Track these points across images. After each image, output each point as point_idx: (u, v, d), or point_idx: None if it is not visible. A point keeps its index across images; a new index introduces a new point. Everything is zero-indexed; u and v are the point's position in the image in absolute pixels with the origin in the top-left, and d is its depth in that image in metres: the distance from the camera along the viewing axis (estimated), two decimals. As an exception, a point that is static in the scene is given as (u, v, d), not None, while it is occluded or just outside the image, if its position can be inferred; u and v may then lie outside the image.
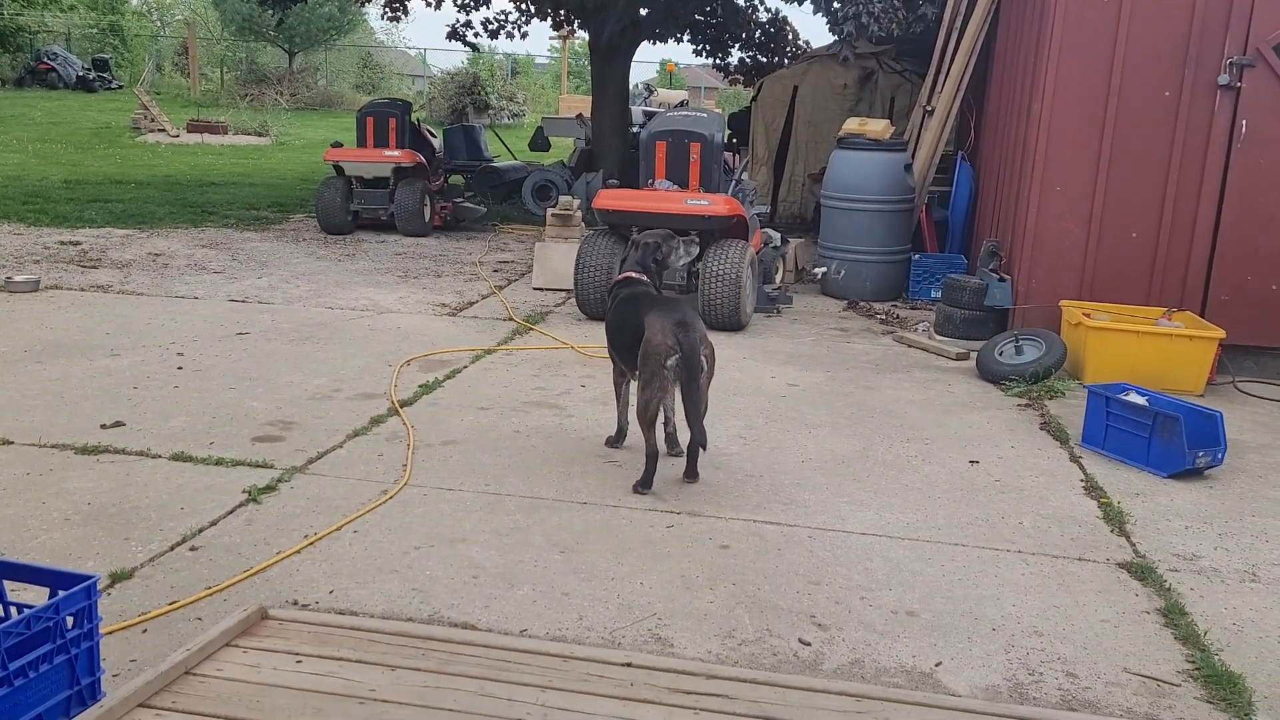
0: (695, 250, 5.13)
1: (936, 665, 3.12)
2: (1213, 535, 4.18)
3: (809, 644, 3.21)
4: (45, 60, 29.92)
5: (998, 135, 8.44)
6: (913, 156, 9.24)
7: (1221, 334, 6.12)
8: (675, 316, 4.32)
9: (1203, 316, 6.47)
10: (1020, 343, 6.46)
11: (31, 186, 13.19)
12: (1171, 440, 4.76)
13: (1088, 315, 6.35)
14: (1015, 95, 7.72)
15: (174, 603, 3.29)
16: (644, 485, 4.32)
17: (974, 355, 6.65)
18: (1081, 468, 4.90)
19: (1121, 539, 4.10)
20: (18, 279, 7.78)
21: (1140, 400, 5.06)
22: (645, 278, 4.73)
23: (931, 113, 9.43)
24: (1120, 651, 3.24)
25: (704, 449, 4.38)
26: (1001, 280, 7.17)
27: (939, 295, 7.83)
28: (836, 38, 10.71)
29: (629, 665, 2.78)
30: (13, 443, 4.60)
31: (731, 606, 3.42)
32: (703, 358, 4.27)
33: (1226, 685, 3.05)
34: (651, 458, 4.35)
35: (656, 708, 2.59)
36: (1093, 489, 4.62)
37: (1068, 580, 3.71)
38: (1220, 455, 4.85)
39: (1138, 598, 3.60)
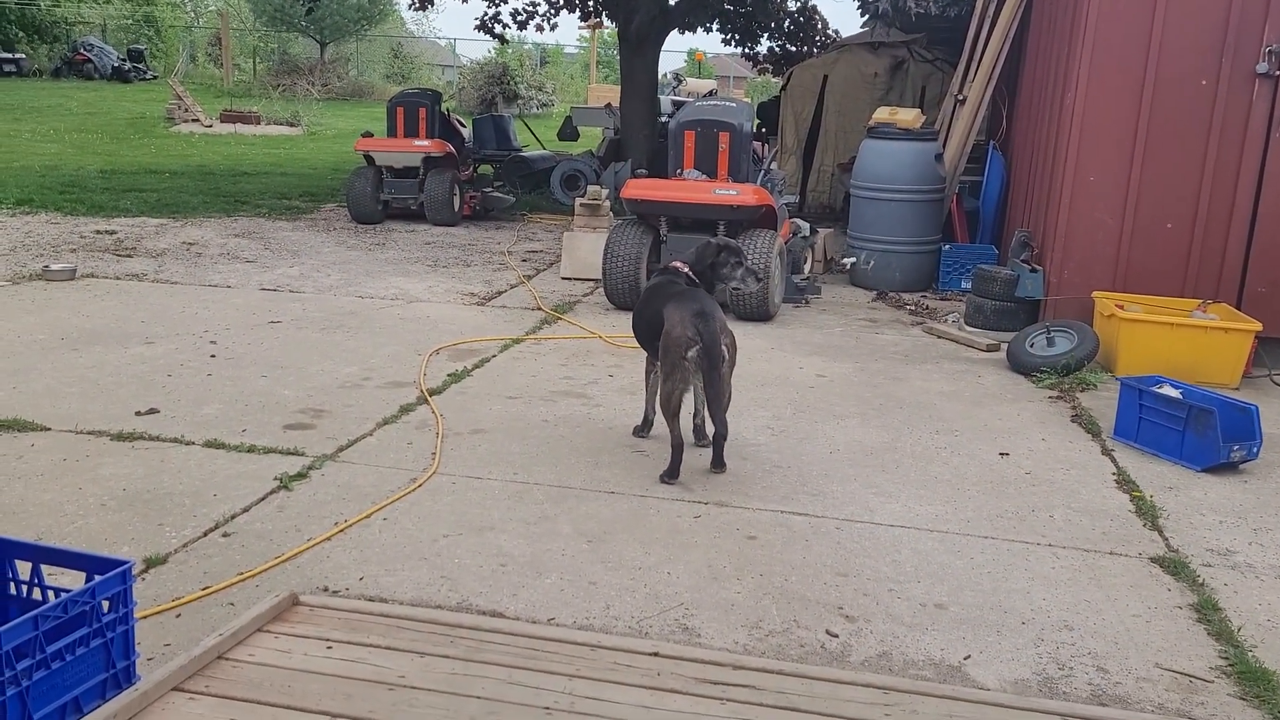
0: (753, 285, 4.96)
1: (965, 658, 3.11)
2: (1247, 530, 4.13)
3: (836, 635, 3.21)
4: (82, 51, 30.31)
5: (1030, 125, 8.35)
6: (944, 146, 9.16)
7: (1258, 326, 6.03)
8: (694, 307, 4.31)
9: (1239, 309, 6.38)
10: (1052, 334, 6.40)
11: (68, 176, 13.36)
12: (1206, 434, 4.70)
13: (1121, 307, 6.28)
14: (1048, 84, 7.64)
15: (207, 588, 3.33)
16: (670, 475, 4.33)
17: (1005, 347, 6.60)
18: (1113, 461, 4.85)
19: (1154, 533, 4.06)
20: (55, 267, 7.89)
21: (1174, 393, 5.00)
22: (682, 269, 4.70)
23: (963, 102, 9.35)
24: (1152, 647, 3.21)
25: (725, 439, 4.39)
26: (1033, 271, 7.10)
27: (969, 286, 7.77)
28: (868, 15, 10.65)
29: (656, 655, 2.78)
30: (50, 429, 4.67)
31: (759, 597, 3.42)
32: (724, 347, 4.27)
33: (1260, 682, 3.01)
34: (676, 448, 4.35)
35: (683, 697, 2.59)
36: (1125, 482, 4.58)
37: (1099, 574, 3.68)
38: (1256, 449, 4.78)
39: (1170, 593, 3.57)
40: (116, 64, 30.31)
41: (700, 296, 4.47)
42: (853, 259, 8.79)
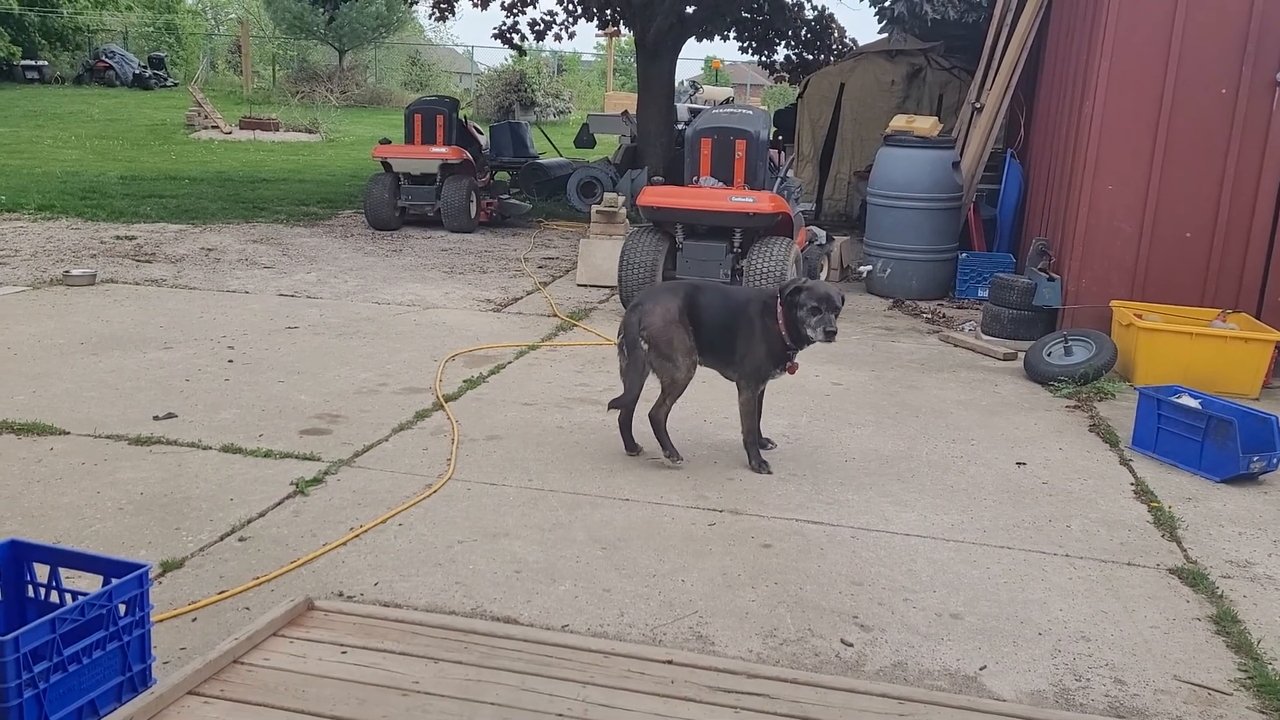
0: (821, 339, 4.43)
1: (981, 669, 3.09)
2: (1267, 542, 4.09)
3: (851, 645, 3.19)
4: (103, 58, 30.58)
5: (1048, 133, 8.32)
6: (961, 154, 9.14)
7: (1278, 336, 5.98)
8: (636, 301, 4.61)
9: (1259, 318, 6.34)
10: (1069, 343, 6.37)
11: (89, 182, 13.47)
12: (1225, 444, 4.67)
13: (1139, 316, 6.24)
14: (1067, 92, 7.61)
15: (223, 592, 3.34)
16: (672, 456, 4.59)
17: (1022, 355, 6.57)
18: (1132, 471, 4.82)
19: (1172, 544, 4.02)
20: (75, 273, 7.95)
21: (1193, 403, 4.96)
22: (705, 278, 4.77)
23: (980, 110, 9.32)
24: (1170, 658, 3.19)
25: (656, 435, 4.61)
26: (1051, 280, 7.07)
27: (986, 294, 7.74)
28: (885, 21, 10.64)
29: (670, 663, 2.78)
30: (69, 433, 4.70)
31: (773, 606, 3.41)
32: (639, 339, 4.49)
33: (1280, 695, 2.98)
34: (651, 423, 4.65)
35: (697, 705, 2.58)
36: (1143, 493, 4.54)
37: (1116, 585, 3.65)
38: (1276, 460, 4.74)
39: (1189, 604, 3.54)
40: (137, 71, 30.56)
41: (656, 292, 4.68)
42: (869, 267, 8.78)
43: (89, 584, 2.74)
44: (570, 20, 15.37)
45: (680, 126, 13.80)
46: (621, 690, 2.63)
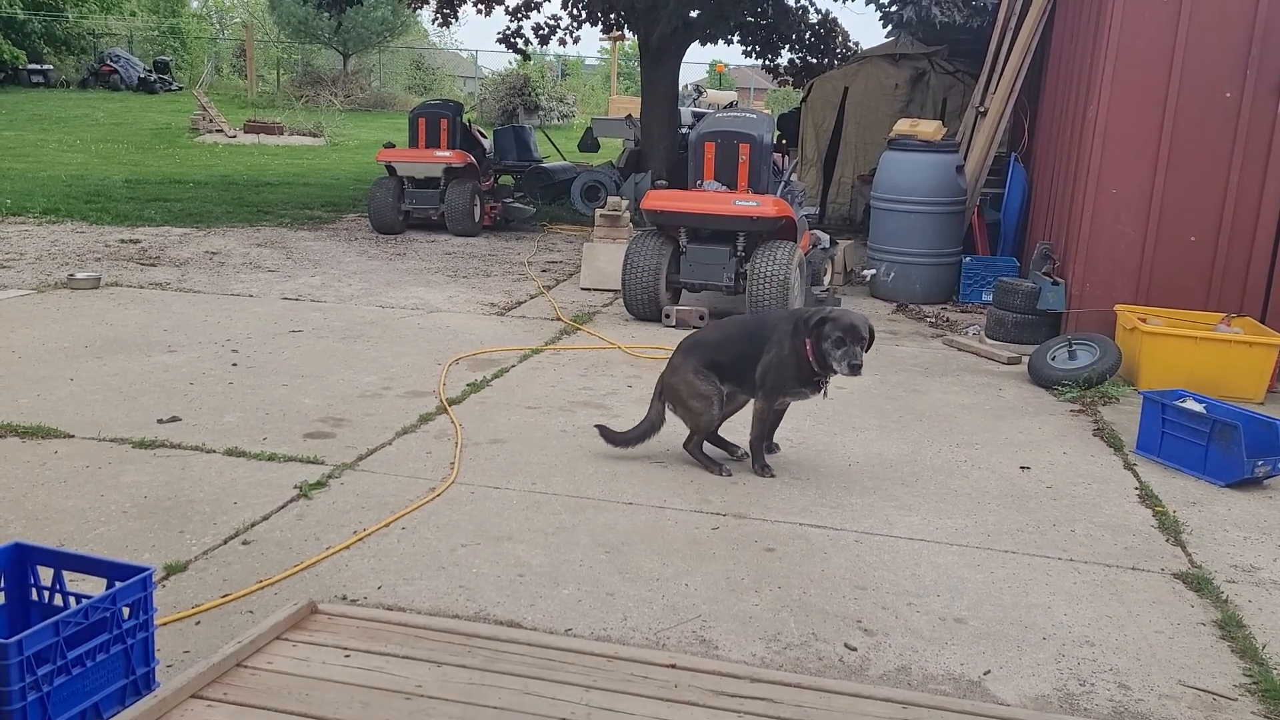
0: (846, 372, 4.40)
1: (985, 673, 3.08)
2: (1272, 546, 4.08)
3: (855, 649, 3.19)
4: (108, 62, 30.72)
5: (1052, 137, 8.32)
6: (965, 158, 9.13)
7: (1283, 340, 5.98)
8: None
9: (1263, 322, 6.32)
10: (1074, 347, 6.36)
11: (94, 186, 13.51)
12: (1230, 449, 4.65)
13: (1143, 320, 6.24)
14: (1071, 96, 7.61)
15: (226, 595, 3.34)
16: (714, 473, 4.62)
17: (1025, 360, 6.56)
18: (1136, 475, 4.81)
19: (1177, 549, 4.02)
20: (80, 276, 7.96)
21: (1197, 407, 4.95)
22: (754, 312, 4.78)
23: (984, 114, 9.32)
24: (1175, 663, 3.18)
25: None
26: (1055, 284, 7.06)
27: (990, 298, 7.74)
28: (891, 25, 10.66)
29: (673, 666, 2.78)
30: (73, 436, 4.71)
31: (777, 610, 3.40)
32: (661, 389, 4.71)
33: (1285, 700, 2.97)
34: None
35: (700, 710, 2.58)
36: (1147, 497, 4.53)
37: (1121, 590, 3.65)
38: (1281, 464, 4.73)
39: (1193, 609, 3.53)
40: (142, 75, 30.68)
41: (676, 350, 4.76)
42: (873, 271, 8.77)
43: (93, 587, 2.74)
44: (574, 25, 15.40)
45: (684, 130, 13.82)
46: (625, 694, 2.63)
